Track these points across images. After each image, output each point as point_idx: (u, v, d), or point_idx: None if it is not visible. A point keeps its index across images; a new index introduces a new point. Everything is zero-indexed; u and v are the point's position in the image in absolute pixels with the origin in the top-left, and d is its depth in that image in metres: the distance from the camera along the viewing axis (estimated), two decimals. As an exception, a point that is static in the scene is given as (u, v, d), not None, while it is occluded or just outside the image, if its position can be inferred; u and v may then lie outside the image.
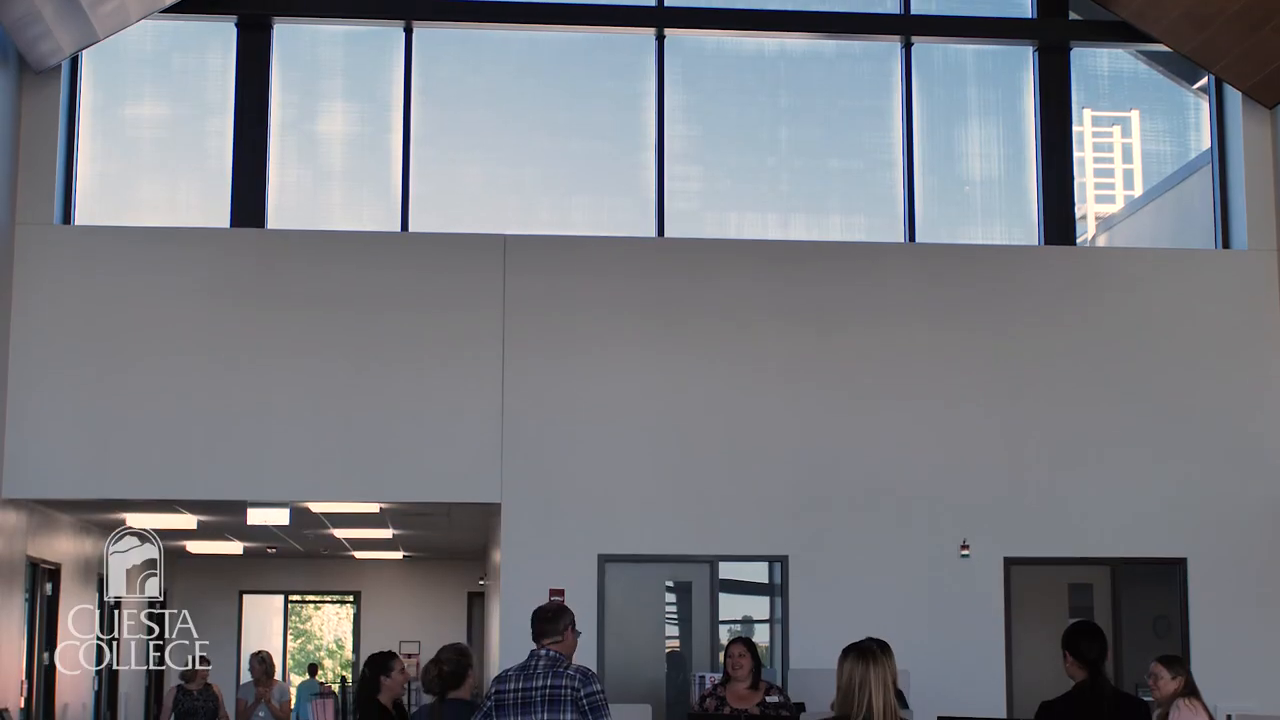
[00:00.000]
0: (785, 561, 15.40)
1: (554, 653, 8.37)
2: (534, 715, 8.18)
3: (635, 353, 15.57)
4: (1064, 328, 15.89)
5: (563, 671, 8.24)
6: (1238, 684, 14.81)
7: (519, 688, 8.30)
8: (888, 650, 7.41)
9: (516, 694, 8.28)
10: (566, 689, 8.17)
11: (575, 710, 8.14)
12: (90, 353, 15.26)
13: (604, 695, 8.24)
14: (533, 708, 8.20)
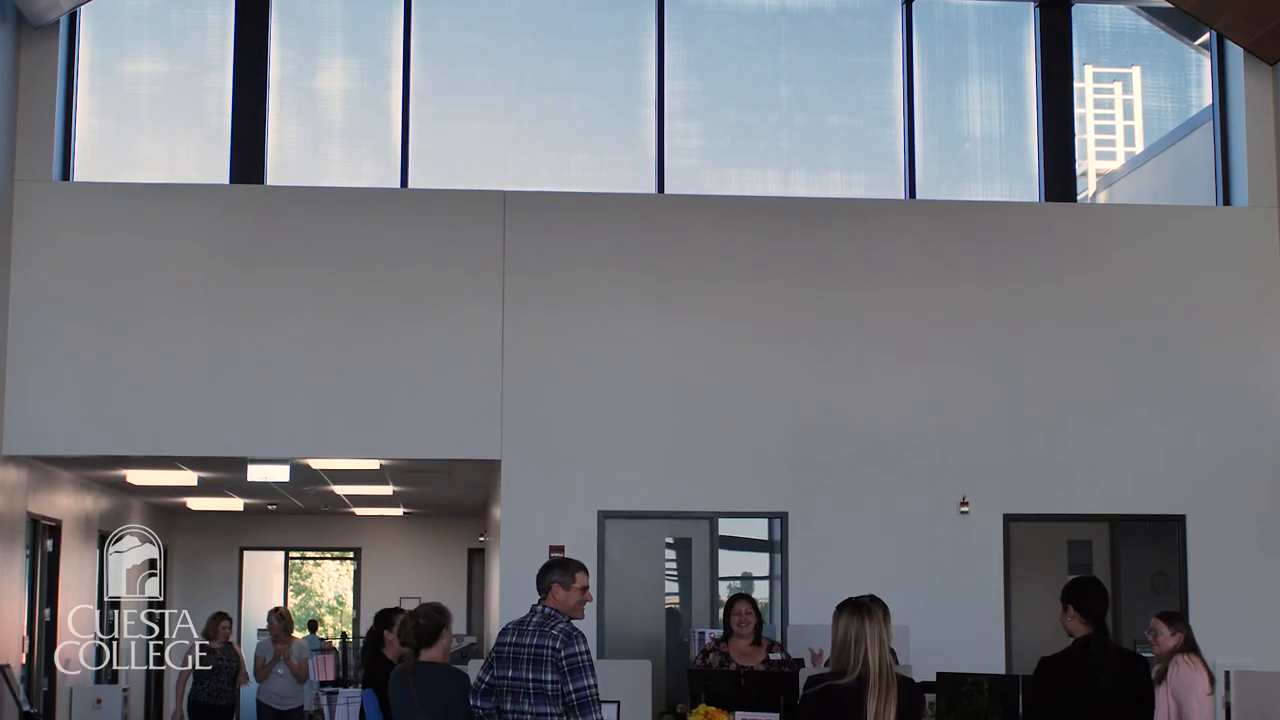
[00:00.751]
0: (785, 518, 15.42)
1: (548, 609, 8.39)
2: (522, 672, 8.24)
3: (635, 309, 15.57)
4: (1064, 285, 15.88)
5: (549, 631, 8.26)
6: (1236, 640, 14.85)
7: (514, 642, 8.35)
8: (884, 607, 7.44)
9: (511, 648, 8.34)
10: (548, 649, 8.20)
11: (555, 671, 8.17)
12: (90, 309, 15.25)
13: (587, 657, 8.24)
14: (521, 664, 8.25)
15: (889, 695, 7.15)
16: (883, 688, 7.14)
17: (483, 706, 8.42)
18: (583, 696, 8.15)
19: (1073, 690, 7.61)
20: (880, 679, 7.16)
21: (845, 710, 7.15)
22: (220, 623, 16.06)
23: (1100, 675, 7.60)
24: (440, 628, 8.71)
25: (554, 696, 8.15)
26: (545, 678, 8.18)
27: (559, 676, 8.15)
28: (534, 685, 8.18)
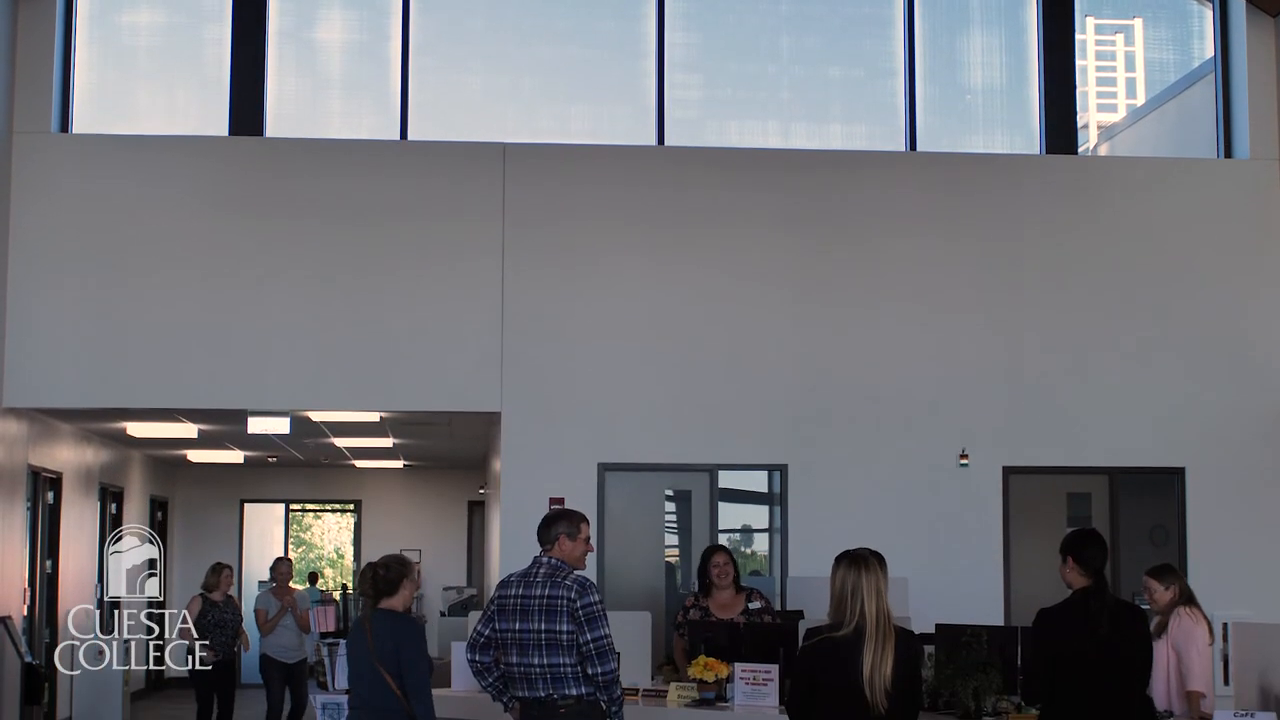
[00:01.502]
0: (784, 470, 15.44)
1: (555, 560, 8.39)
2: (531, 624, 8.22)
3: (635, 261, 15.56)
4: (1065, 237, 15.86)
5: (561, 581, 8.26)
6: (1234, 593, 14.89)
7: (519, 594, 8.33)
8: (881, 559, 7.46)
9: (517, 600, 8.32)
10: (563, 600, 8.20)
11: (571, 621, 8.17)
12: (89, 261, 15.25)
13: (601, 606, 8.26)
14: (530, 616, 8.24)
15: (886, 646, 7.18)
16: (880, 639, 7.18)
17: (481, 660, 8.42)
18: (600, 646, 8.17)
19: (1071, 641, 7.64)
20: (878, 630, 7.19)
21: (843, 662, 7.18)
22: (221, 574, 15.97)
23: (1099, 626, 7.62)
24: (401, 579, 8.70)
25: (569, 647, 8.16)
26: (560, 628, 8.17)
27: (574, 627, 8.16)
28: (546, 636, 8.18)
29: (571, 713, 8.19)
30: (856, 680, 7.14)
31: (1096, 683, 7.59)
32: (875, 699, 7.13)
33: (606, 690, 8.21)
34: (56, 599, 17.97)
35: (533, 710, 8.27)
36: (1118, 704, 7.61)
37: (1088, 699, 7.59)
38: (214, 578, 15.88)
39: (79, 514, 18.99)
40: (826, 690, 7.22)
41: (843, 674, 7.17)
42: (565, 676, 8.17)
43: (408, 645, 8.48)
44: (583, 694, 8.20)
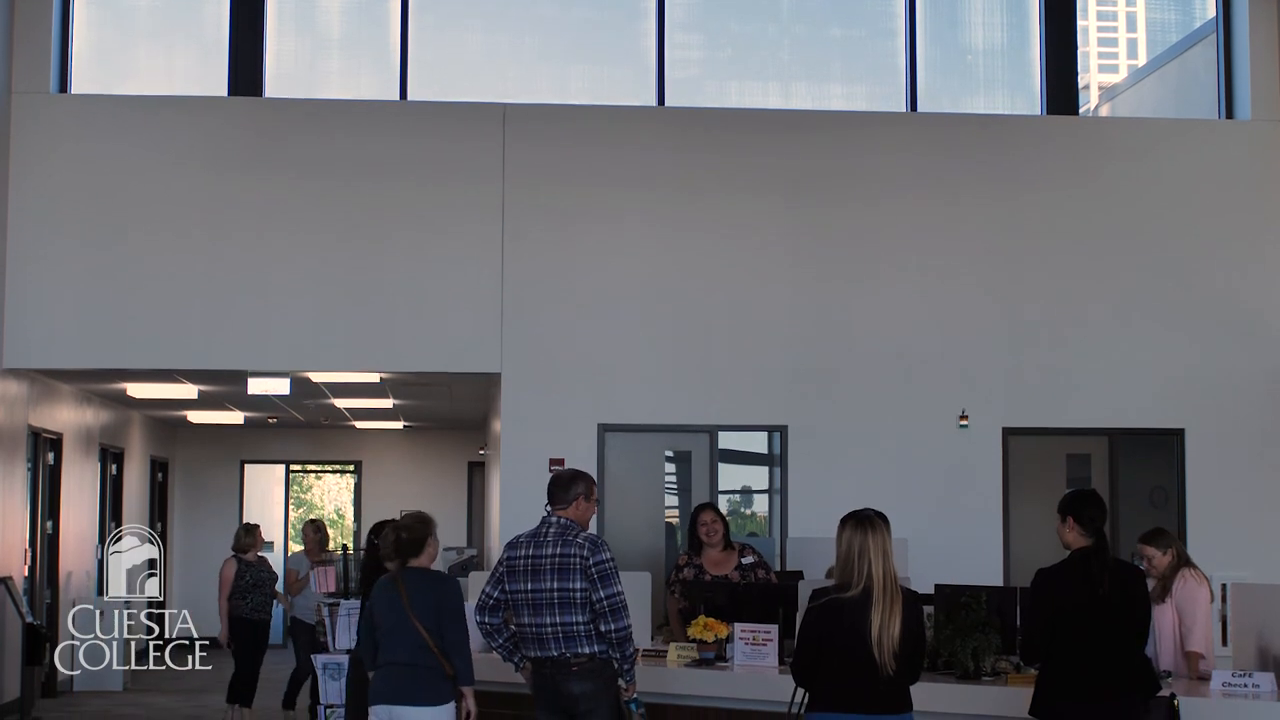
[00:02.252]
0: (784, 431, 15.45)
1: (565, 520, 8.40)
2: (543, 583, 8.24)
3: (635, 222, 15.54)
4: (1065, 198, 15.83)
5: (572, 540, 8.28)
6: (1233, 554, 14.90)
7: (529, 554, 8.34)
8: (885, 521, 7.46)
9: (527, 560, 8.33)
10: (575, 558, 8.22)
11: (584, 579, 8.19)
12: (89, 222, 15.24)
13: (613, 564, 8.29)
14: (542, 575, 8.25)
15: (894, 607, 7.19)
16: (887, 600, 7.19)
17: (491, 621, 8.43)
18: (614, 603, 8.20)
19: (1071, 601, 7.64)
20: (885, 591, 7.20)
21: (851, 623, 7.19)
22: (254, 534, 15.88)
23: (1099, 586, 7.63)
24: (425, 539, 8.70)
25: (582, 605, 8.18)
26: (573, 586, 8.19)
27: (588, 584, 8.18)
28: (559, 595, 8.20)
29: (584, 671, 8.22)
30: (865, 641, 7.15)
31: (1095, 642, 7.61)
32: (883, 660, 7.14)
33: (620, 647, 8.24)
34: (57, 560, 18.00)
35: (545, 669, 8.29)
36: (1116, 664, 7.62)
37: (1086, 659, 7.60)
38: (248, 539, 15.75)
39: (79, 475, 19.01)
40: (834, 651, 7.23)
41: (850, 635, 7.18)
42: (578, 635, 8.19)
43: (447, 602, 8.51)
44: (595, 652, 8.22)
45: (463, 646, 8.49)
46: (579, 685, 8.22)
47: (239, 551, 15.60)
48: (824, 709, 7.25)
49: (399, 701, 8.45)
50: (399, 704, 8.45)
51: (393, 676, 8.50)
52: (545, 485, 8.66)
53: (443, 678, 8.41)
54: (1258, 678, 8.70)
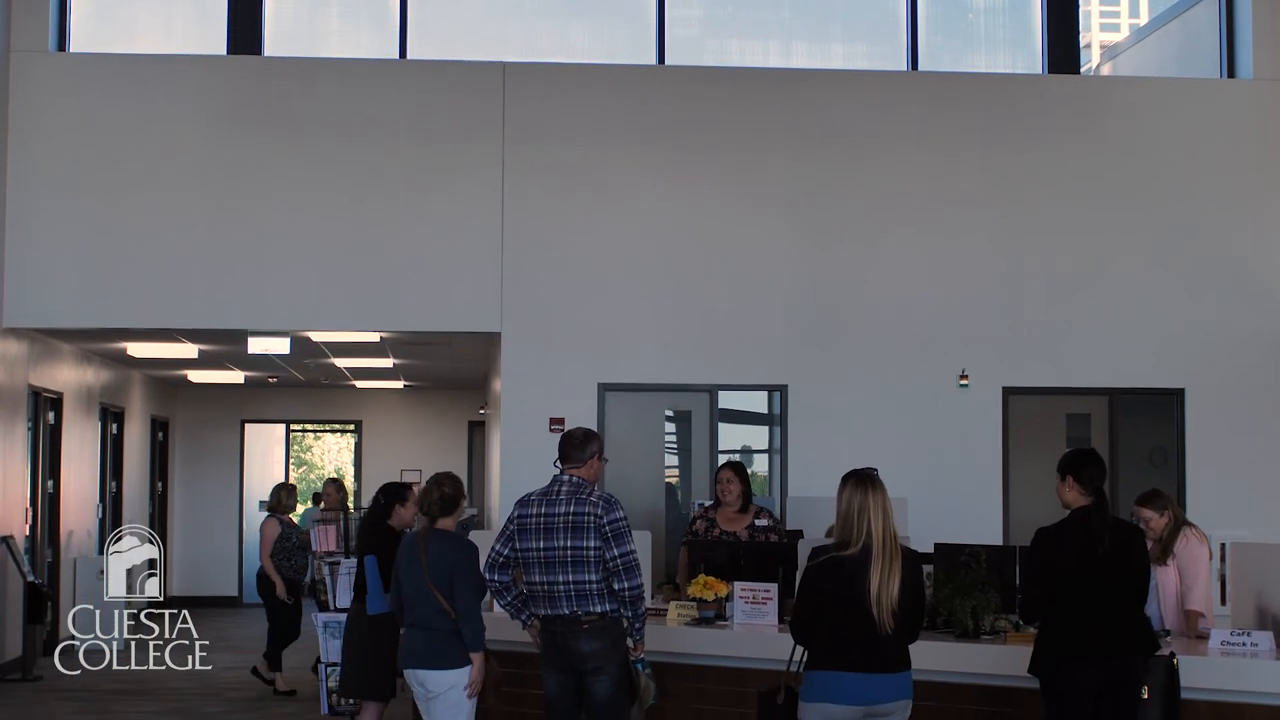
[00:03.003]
0: (784, 391, 15.46)
1: (577, 479, 8.42)
2: (556, 541, 8.25)
3: (636, 182, 15.51)
4: (1067, 158, 15.80)
5: (585, 498, 8.30)
6: (1233, 514, 14.94)
7: (542, 513, 8.35)
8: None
9: (539, 519, 8.34)
10: (589, 516, 8.24)
11: (598, 537, 8.21)
12: (88, 181, 15.22)
13: (626, 522, 8.32)
14: (555, 534, 8.26)
15: (893, 566, 7.20)
16: (887, 558, 7.19)
17: (500, 580, 8.45)
18: (627, 561, 8.22)
19: (1071, 560, 7.65)
20: (884, 550, 7.20)
21: (850, 581, 7.20)
22: (294, 495, 15.76)
23: (1099, 545, 7.64)
24: (460, 497, 8.77)
25: (595, 563, 8.21)
26: (587, 544, 8.21)
27: (601, 543, 8.20)
28: (573, 553, 8.22)
29: (594, 629, 8.24)
30: (863, 599, 7.16)
31: (1095, 601, 7.62)
32: (882, 618, 7.15)
33: (632, 606, 8.27)
34: (58, 519, 18.03)
35: (554, 627, 8.31)
36: (1116, 622, 7.64)
37: (1086, 617, 7.61)
38: (289, 499, 15.64)
39: (80, 434, 19.03)
40: (833, 609, 7.24)
41: (850, 593, 7.18)
42: (590, 593, 8.22)
43: (460, 567, 8.55)
44: (607, 610, 8.25)
45: (472, 614, 8.53)
46: (589, 643, 8.25)
47: (279, 512, 15.49)
48: (822, 666, 7.26)
49: (422, 665, 8.57)
50: (422, 668, 8.56)
51: (414, 640, 8.63)
52: (546, 444, 8.70)
53: (461, 639, 8.48)
54: (1256, 636, 8.72)
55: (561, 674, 8.38)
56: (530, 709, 10.21)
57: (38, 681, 15.67)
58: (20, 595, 16.07)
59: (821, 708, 7.21)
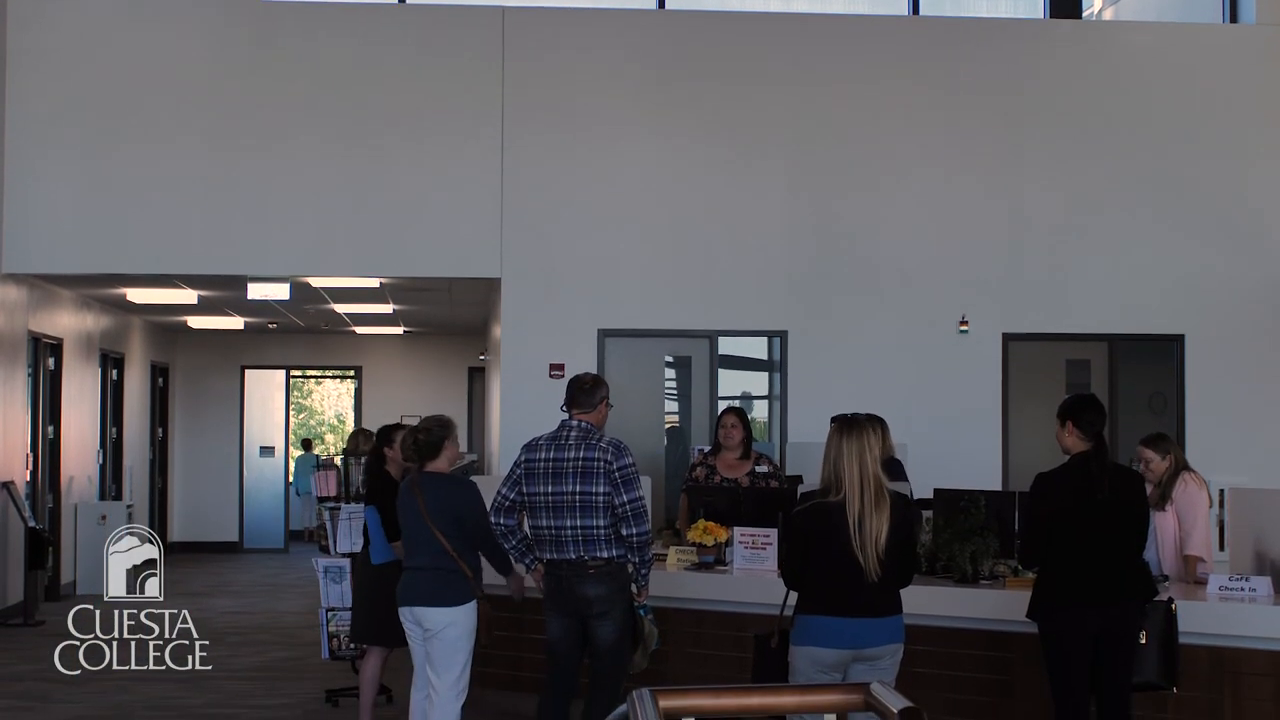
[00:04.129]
0: (784, 336, 15.46)
1: (586, 424, 8.43)
2: (565, 486, 8.27)
3: (636, 127, 15.48)
4: (1068, 103, 15.76)
5: (595, 444, 8.31)
6: (1231, 459, 14.95)
7: (550, 458, 8.36)
8: (877, 424, 7.45)
9: (547, 464, 8.35)
10: (599, 461, 8.26)
11: (607, 483, 8.23)
12: (88, 127, 15.19)
13: (635, 468, 8.35)
14: (564, 479, 8.28)
15: (879, 512, 7.19)
16: (868, 503, 7.19)
17: (506, 524, 8.48)
18: (635, 508, 8.26)
19: (1069, 505, 7.67)
20: (863, 495, 7.19)
21: (835, 527, 7.21)
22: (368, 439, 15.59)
23: (1098, 490, 7.65)
24: (442, 441, 8.75)
25: (604, 509, 8.23)
26: (595, 490, 8.24)
27: (610, 488, 8.23)
28: (581, 498, 8.25)
29: (600, 574, 8.28)
30: (848, 545, 7.17)
31: (1093, 546, 7.64)
32: (869, 564, 7.16)
33: (639, 552, 8.31)
34: (59, 464, 18.06)
35: (560, 571, 8.34)
36: (1115, 567, 7.66)
37: (1084, 562, 7.63)
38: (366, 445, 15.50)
39: (80, 380, 19.04)
40: (819, 554, 7.25)
41: (836, 539, 7.19)
42: (597, 539, 8.25)
43: (468, 511, 8.57)
44: (613, 556, 8.28)
45: (495, 545, 8.60)
46: (594, 588, 8.28)
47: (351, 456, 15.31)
48: (811, 611, 7.27)
49: (421, 603, 8.61)
50: (421, 605, 8.60)
51: (416, 580, 8.67)
52: (546, 390, 8.72)
53: (462, 579, 8.53)
54: (1254, 581, 8.75)
55: (565, 618, 8.42)
56: (529, 653, 10.27)
57: (39, 626, 15.74)
58: (21, 541, 16.12)
59: (810, 651, 7.23)
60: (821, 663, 7.20)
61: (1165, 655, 7.84)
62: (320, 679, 12.34)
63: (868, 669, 7.17)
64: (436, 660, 8.64)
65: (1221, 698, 8.58)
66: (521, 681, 10.58)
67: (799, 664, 7.28)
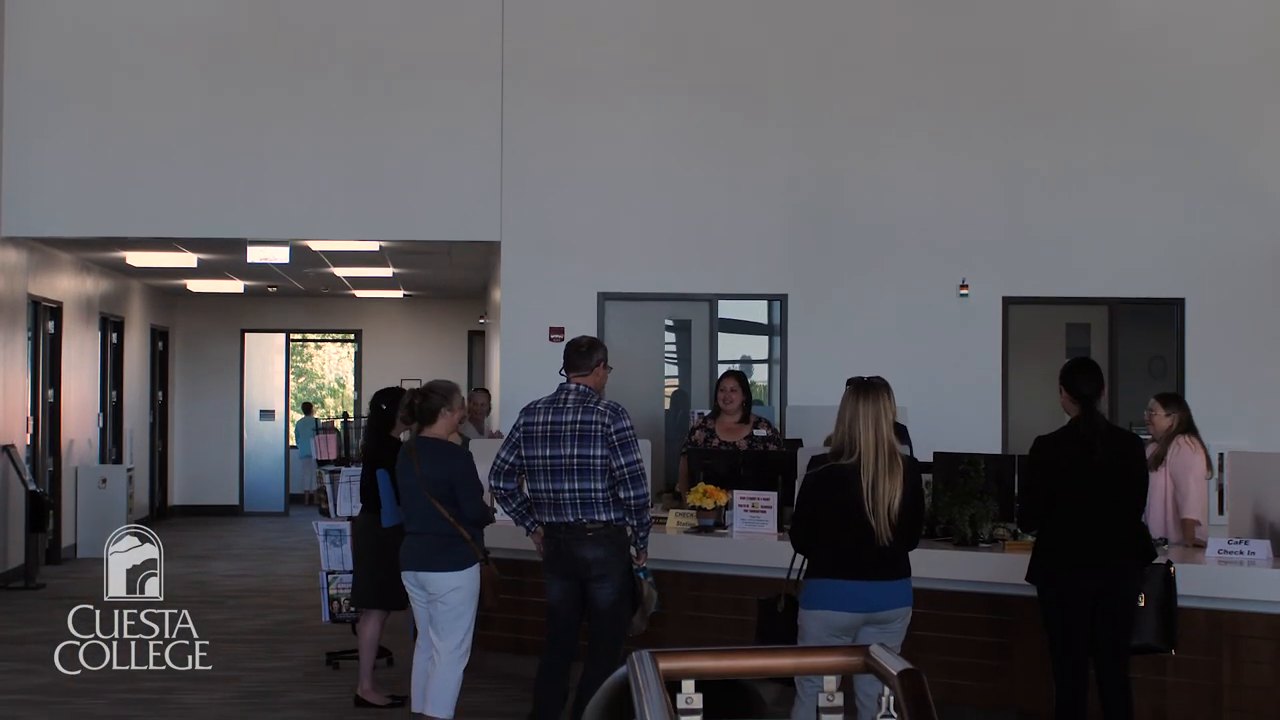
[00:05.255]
0: (784, 300, 15.45)
1: (584, 387, 8.43)
2: (563, 449, 8.28)
3: (636, 89, 15.44)
4: (1068, 64, 15.70)
5: (593, 407, 8.32)
6: (1231, 423, 14.92)
7: (548, 420, 8.37)
8: (887, 388, 7.46)
9: (545, 427, 8.36)
10: (597, 424, 8.26)
11: (605, 446, 8.24)
12: (87, 90, 15.17)
13: (633, 431, 8.36)
14: (562, 442, 8.29)
15: (893, 475, 7.19)
16: (881, 468, 7.19)
17: (505, 487, 8.49)
18: (634, 470, 8.27)
19: (1068, 467, 7.68)
20: (876, 460, 7.19)
21: (848, 491, 7.21)
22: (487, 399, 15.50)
23: (1094, 453, 7.65)
24: (439, 408, 8.75)
25: (601, 472, 8.24)
26: (593, 453, 8.25)
27: (608, 451, 8.24)
28: (579, 461, 8.26)
29: (599, 536, 8.29)
30: (861, 509, 7.17)
31: (1092, 509, 7.65)
32: (880, 527, 7.16)
33: (638, 514, 8.32)
34: (59, 428, 18.07)
35: (559, 534, 8.36)
36: (1113, 530, 7.67)
37: (1083, 525, 7.65)
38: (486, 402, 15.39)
39: (80, 343, 19.04)
40: (831, 518, 7.26)
41: (847, 502, 7.19)
42: (596, 501, 8.26)
43: (460, 480, 8.62)
44: (612, 519, 8.30)
45: (480, 520, 8.65)
46: (593, 551, 8.30)
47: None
48: (823, 575, 7.29)
49: (423, 568, 8.67)
50: (423, 570, 8.66)
51: (418, 544, 8.71)
52: (545, 354, 8.72)
53: (463, 543, 8.57)
54: (1253, 545, 8.76)
55: (565, 581, 8.44)
56: (530, 616, 10.30)
57: (40, 589, 15.78)
58: (22, 504, 16.14)
59: (822, 615, 7.24)
60: (834, 626, 7.22)
61: (1164, 618, 7.86)
62: (320, 642, 12.37)
63: (878, 632, 7.19)
64: (440, 624, 8.67)
65: (1220, 661, 8.61)
66: (523, 645, 10.61)
67: (810, 627, 7.29)
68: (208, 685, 10.64)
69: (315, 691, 10.77)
